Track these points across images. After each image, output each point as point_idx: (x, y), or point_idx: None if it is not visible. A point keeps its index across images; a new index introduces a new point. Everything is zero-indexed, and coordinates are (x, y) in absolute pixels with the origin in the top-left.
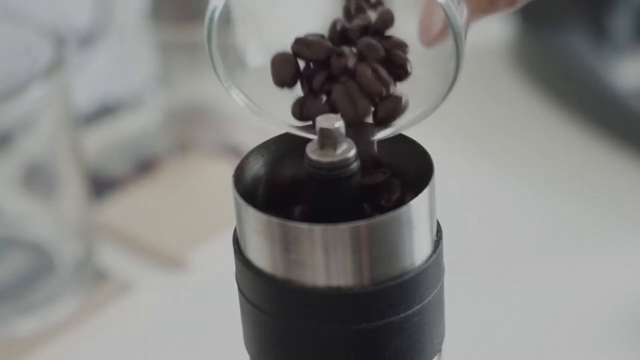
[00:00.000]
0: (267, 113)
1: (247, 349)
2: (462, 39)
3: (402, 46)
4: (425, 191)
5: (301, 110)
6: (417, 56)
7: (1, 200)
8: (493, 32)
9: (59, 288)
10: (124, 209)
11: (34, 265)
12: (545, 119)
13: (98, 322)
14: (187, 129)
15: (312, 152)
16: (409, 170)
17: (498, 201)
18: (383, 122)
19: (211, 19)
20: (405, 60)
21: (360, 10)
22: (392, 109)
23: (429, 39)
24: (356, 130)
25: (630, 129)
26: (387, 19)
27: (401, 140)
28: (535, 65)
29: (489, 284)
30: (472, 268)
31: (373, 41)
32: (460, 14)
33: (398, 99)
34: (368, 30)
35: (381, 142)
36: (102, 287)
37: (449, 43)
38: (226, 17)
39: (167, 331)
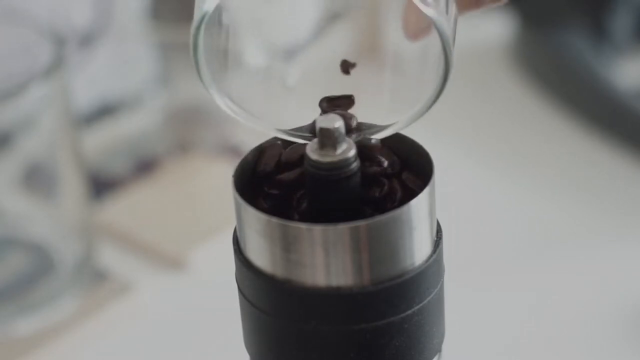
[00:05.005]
0: (255, 117)
1: (247, 349)
2: (451, 49)
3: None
4: (425, 191)
5: None
6: (410, 53)
7: (1, 200)
8: (493, 32)
9: (59, 288)
10: (124, 209)
11: (34, 265)
12: (545, 118)
13: (98, 322)
14: (187, 129)
15: (312, 152)
16: (409, 170)
17: (498, 201)
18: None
19: (199, 25)
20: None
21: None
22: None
23: (413, 34)
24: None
25: (630, 129)
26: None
27: (401, 140)
28: (535, 65)
29: (489, 284)
30: (473, 268)
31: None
32: (448, 23)
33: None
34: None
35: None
36: (102, 287)
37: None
38: (217, 20)
39: (167, 331)
